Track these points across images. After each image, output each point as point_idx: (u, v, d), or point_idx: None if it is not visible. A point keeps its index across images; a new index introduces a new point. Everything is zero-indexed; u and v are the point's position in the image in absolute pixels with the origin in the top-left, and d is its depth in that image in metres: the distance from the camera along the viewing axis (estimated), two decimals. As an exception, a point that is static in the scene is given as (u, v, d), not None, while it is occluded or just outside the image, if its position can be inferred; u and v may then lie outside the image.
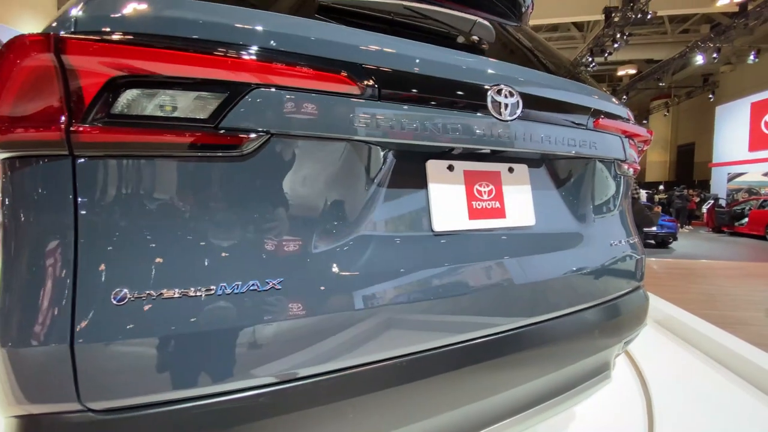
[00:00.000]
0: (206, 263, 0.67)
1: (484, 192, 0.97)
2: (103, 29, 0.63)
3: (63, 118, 0.60)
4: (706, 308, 5.06)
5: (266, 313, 0.68)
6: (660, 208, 7.35)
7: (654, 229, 10.75)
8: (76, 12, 0.63)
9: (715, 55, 13.89)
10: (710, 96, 19.94)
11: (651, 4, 11.27)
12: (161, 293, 0.64)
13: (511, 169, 1.03)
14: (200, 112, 0.66)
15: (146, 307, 0.63)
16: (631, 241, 1.32)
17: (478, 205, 0.96)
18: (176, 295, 0.64)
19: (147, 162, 0.65)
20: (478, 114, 0.90)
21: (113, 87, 0.62)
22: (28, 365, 0.61)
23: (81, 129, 0.61)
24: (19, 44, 0.60)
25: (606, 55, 13.81)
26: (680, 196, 15.88)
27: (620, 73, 20.49)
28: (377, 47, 0.82)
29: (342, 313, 0.74)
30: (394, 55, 0.83)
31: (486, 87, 0.91)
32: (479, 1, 1.31)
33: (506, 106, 0.93)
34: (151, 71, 0.63)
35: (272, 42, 0.72)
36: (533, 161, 1.11)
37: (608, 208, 1.27)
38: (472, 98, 0.90)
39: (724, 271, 7.86)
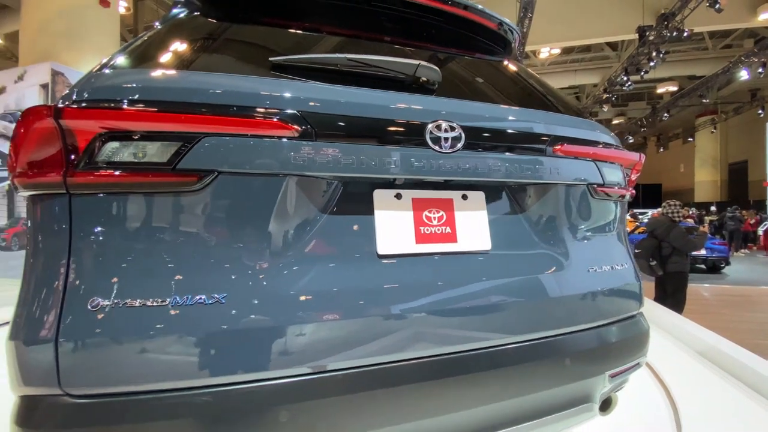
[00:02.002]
0: (164, 280, 0.81)
1: (434, 218, 1.02)
2: (89, 99, 0.83)
3: (62, 166, 0.78)
4: (758, 338, 4.68)
5: (211, 322, 0.80)
6: (706, 227, 6.89)
7: (703, 252, 10.11)
8: (72, 89, 0.86)
9: (760, 70, 13.19)
10: (759, 112, 18.82)
11: (687, 21, 10.99)
12: (126, 303, 0.77)
13: (464, 196, 1.07)
14: (162, 157, 0.82)
15: (114, 314, 0.76)
16: (620, 267, 1.27)
17: (427, 230, 1.01)
18: (138, 305, 0.77)
19: (122, 198, 0.81)
20: (418, 148, 0.97)
21: (98, 141, 0.80)
22: (27, 356, 0.76)
23: (74, 174, 0.78)
24: (32, 112, 0.80)
25: (642, 73, 13.46)
26: (732, 217, 14.84)
27: (660, 90, 19.83)
28: (309, 95, 0.93)
29: (279, 327, 0.83)
30: (326, 100, 0.94)
31: (423, 123, 0.99)
32: (463, 42, 1.39)
33: (446, 139, 0.99)
34: (124, 128, 0.81)
35: (216, 98, 0.86)
36: (492, 188, 1.13)
37: (586, 234, 1.25)
38: (409, 134, 0.98)
39: (784, 298, 7.23)
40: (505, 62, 1.49)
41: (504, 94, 1.40)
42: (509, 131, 1.12)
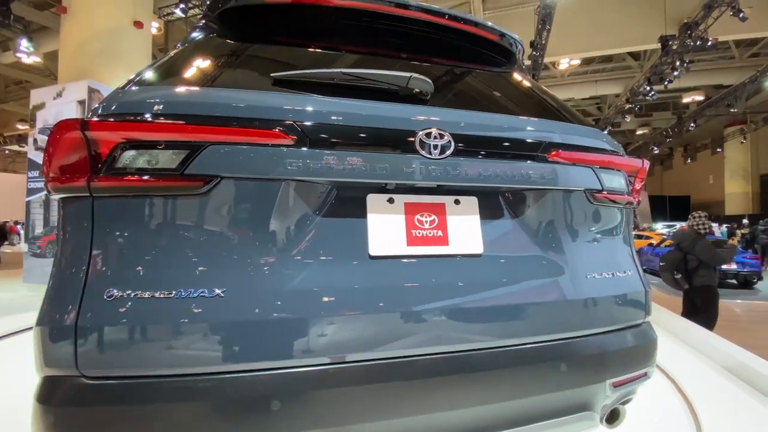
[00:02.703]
0: (171, 274, 0.89)
1: (426, 222, 1.06)
2: (111, 113, 0.93)
3: (86, 172, 0.88)
4: (791, 356, 4.46)
5: (211, 314, 0.87)
6: (736, 240, 6.63)
7: (734, 266, 9.73)
8: (97, 105, 0.96)
9: (791, 78, 12.78)
10: (792, 121, 18.14)
11: (711, 29, 10.79)
12: (137, 294, 0.85)
13: (457, 201, 1.11)
14: (171, 164, 0.90)
15: (126, 304, 0.85)
16: (623, 275, 1.25)
17: (418, 233, 1.04)
18: (147, 296, 0.85)
19: (137, 200, 0.91)
20: (408, 155, 1.02)
21: (117, 150, 0.89)
22: (50, 341, 0.85)
23: (96, 179, 0.88)
24: (62, 125, 0.89)
25: (666, 83, 13.22)
26: (765, 230, 14.23)
27: (686, 100, 19.38)
28: (304, 107, 1.00)
29: (273, 321, 0.89)
30: (319, 111, 1.00)
31: (413, 131, 1.03)
32: (466, 54, 1.45)
33: (435, 146, 1.03)
34: (140, 138, 0.90)
35: (219, 110, 0.95)
36: (485, 193, 1.14)
37: (585, 239, 1.24)
38: (399, 141, 1.03)
39: (822, 315, 6.87)
40: (506, 72, 1.52)
41: (501, 103, 1.43)
42: (501, 138, 1.15)
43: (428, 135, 1.04)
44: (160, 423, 0.83)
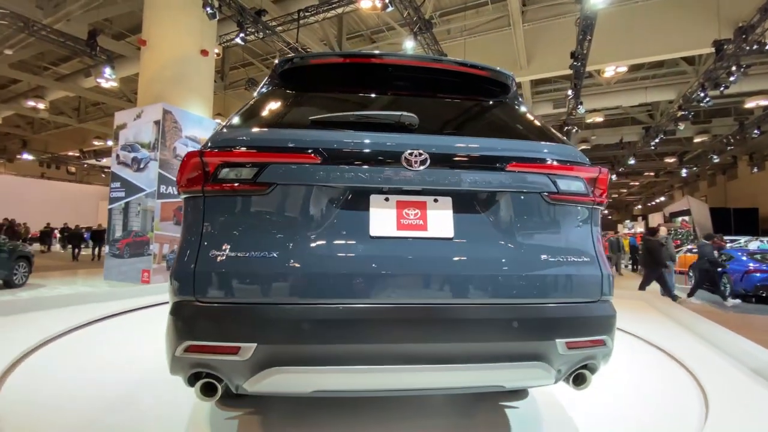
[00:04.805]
0: (247, 242, 1.42)
1: (411, 214, 1.52)
2: (215, 146, 1.51)
3: (202, 182, 1.45)
4: None
5: (271, 266, 1.38)
6: None
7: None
8: (207, 140, 1.51)
9: None
10: None
11: (769, 32, 10.23)
12: (227, 254, 1.39)
13: (436, 200, 1.54)
14: (248, 175, 1.44)
15: (223, 259, 1.38)
16: (578, 260, 1.55)
17: (405, 221, 1.50)
18: (232, 255, 1.39)
19: (229, 198, 1.45)
20: (398, 168, 1.48)
21: (218, 168, 1.45)
22: (177, 280, 1.39)
23: (207, 185, 1.44)
24: (190, 154, 1.50)
25: (721, 89, 12.57)
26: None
27: (749, 104, 18.14)
28: (327, 138, 1.50)
29: (307, 273, 1.38)
30: (337, 140, 1.51)
31: (402, 151, 1.50)
32: (462, 88, 1.88)
33: (416, 162, 1.49)
34: (231, 161, 1.45)
35: (276, 143, 1.47)
36: (458, 194, 1.54)
37: (543, 230, 1.57)
38: (391, 158, 1.50)
39: None
40: (495, 102, 1.92)
41: (476, 127, 1.85)
42: (467, 155, 1.56)
43: (411, 154, 1.49)
44: (238, 330, 1.36)
